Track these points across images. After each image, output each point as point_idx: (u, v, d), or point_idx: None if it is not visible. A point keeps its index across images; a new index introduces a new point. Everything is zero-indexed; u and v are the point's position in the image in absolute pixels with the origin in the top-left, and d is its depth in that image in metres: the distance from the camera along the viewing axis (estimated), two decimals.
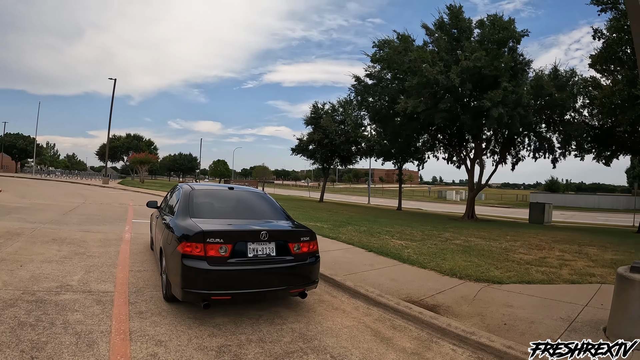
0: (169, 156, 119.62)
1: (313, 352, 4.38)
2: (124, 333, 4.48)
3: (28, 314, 4.86)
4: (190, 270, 4.77)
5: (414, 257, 9.33)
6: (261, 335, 4.71)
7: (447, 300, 6.30)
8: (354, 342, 4.74)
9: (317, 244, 5.86)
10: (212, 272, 4.80)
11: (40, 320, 4.68)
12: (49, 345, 4.07)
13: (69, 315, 4.90)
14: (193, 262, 4.80)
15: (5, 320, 4.62)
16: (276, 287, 5.35)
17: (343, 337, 4.86)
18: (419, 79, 18.57)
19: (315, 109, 36.36)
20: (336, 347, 4.53)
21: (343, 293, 6.92)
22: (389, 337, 5.02)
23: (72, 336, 4.32)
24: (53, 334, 4.34)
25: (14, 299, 5.35)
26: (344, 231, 13.42)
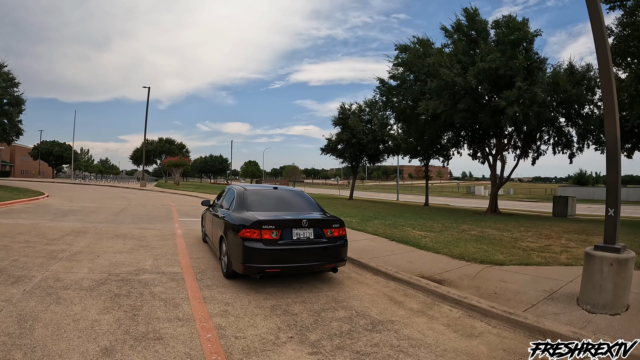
0: (200, 158, 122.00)
1: (343, 309, 5.74)
2: (199, 298, 5.84)
3: (119, 288, 6.15)
4: (250, 250, 6.26)
5: (430, 244, 10.45)
6: (303, 299, 6.10)
7: (452, 276, 7.46)
8: (374, 304, 6.10)
9: (345, 230, 7.29)
10: (266, 251, 6.28)
11: (131, 292, 5.98)
12: (145, 307, 5.38)
13: (153, 288, 6.23)
14: (252, 243, 6.30)
15: (103, 292, 5.93)
16: (314, 263, 6.80)
17: (365, 300, 6.22)
18: (438, 82, 19.45)
19: (342, 110, 37.32)
20: (360, 307, 5.88)
21: (367, 272, 8.22)
22: (401, 301, 6.34)
23: (159, 301, 5.64)
24: (145, 300, 5.64)
25: (103, 279, 6.64)
26: (370, 224, 14.63)
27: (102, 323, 4.73)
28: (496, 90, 19.82)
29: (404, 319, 5.49)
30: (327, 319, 5.32)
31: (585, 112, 20.92)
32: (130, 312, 5.14)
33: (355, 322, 5.24)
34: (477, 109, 20.18)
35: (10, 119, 33.68)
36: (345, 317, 5.42)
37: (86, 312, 5.09)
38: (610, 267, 5.17)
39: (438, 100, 19.88)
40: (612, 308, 5.18)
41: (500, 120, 19.35)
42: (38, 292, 5.79)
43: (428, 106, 19.89)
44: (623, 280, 5.17)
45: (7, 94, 32.98)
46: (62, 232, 11.16)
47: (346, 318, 5.38)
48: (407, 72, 23.38)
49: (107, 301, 5.54)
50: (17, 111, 34.62)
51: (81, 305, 5.32)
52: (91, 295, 5.78)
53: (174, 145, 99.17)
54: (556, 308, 5.59)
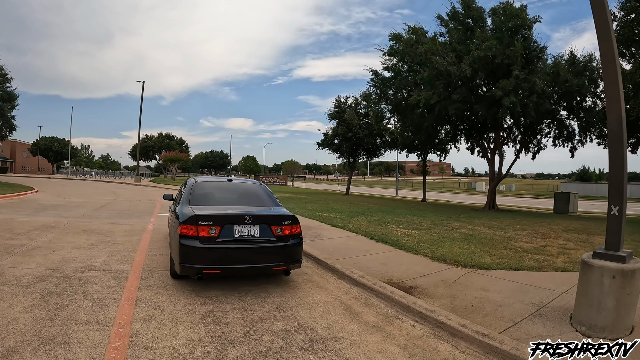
0: (201, 154, 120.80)
1: (284, 319, 4.93)
2: (131, 300, 5.36)
3: (56, 286, 5.84)
4: (186, 248, 5.55)
5: (411, 244, 9.35)
6: (244, 305, 5.34)
7: (426, 282, 6.36)
8: (324, 314, 5.18)
9: (299, 228, 6.39)
10: (203, 250, 5.56)
11: (65, 291, 5.63)
12: (70, 307, 5.01)
13: (89, 287, 5.83)
14: (188, 241, 5.59)
15: (37, 290, 5.62)
16: (259, 264, 5.98)
17: (316, 310, 5.33)
18: (430, 71, 18.22)
19: (338, 103, 36.23)
20: (306, 317, 5.03)
21: (331, 274, 7.22)
22: (358, 312, 5.34)
23: (89, 301, 5.24)
24: (74, 300, 5.28)
25: (45, 275, 6.35)
26: (354, 221, 13.51)
27: (19, 322, 4.49)
28: (493, 80, 18.57)
29: (353, 336, 4.51)
30: (261, 331, 4.54)
31: (587, 105, 19.64)
32: (53, 312, 4.84)
33: (292, 338, 4.41)
34: (473, 100, 18.98)
35: (2, 114, 33.25)
36: (283, 330, 4.61)
37: (10, 309, 4.87)
38: (612, 280, 4.02)
39: (431, 91, 18.63)
40: (613, 331, 4.05)
41: (497, 111, 18.07)
42: None
43: (420, 96, 18.64)
44: (628, 297, 4.03)
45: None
46: (32, 226, 10.86)
47: (283, 332, 4.56)
48: (401, 63, 22.07)
49: (36, 299, 5.27)
50: (10, 107, 34.29)
51: (9, 302, 5.10)
52: (24, 292, 5.55)
53: (174, 140, 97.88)
54: (543, 328, 4.46)
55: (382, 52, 22.31)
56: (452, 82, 18.36)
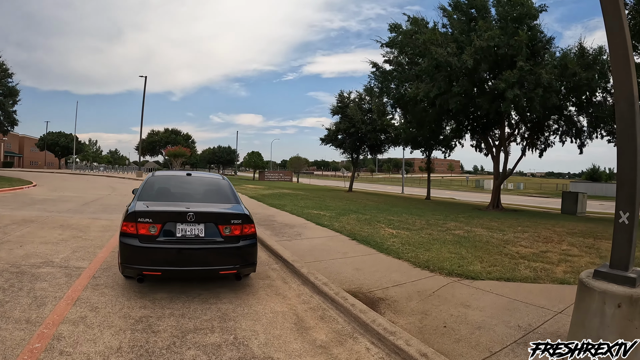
0: (209, 149, 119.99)
1: (221, 331, 4.31)
2: (71, 299, 5.04)
3: (6, 281, 5.64)
4: (126, 247, 5.08)
5: (395, 247, 8.41)
6: (186, 312, 4.79)
7: (399, 294, 5.43)
8: (268, 328, 4.48)
9: (253, 228, 5.65)
10: (142, 249, 5.03)
11: (12, 286, 5.45)
12: (9, 303, 4.80)
13: (37, 284, 5.57)
14: (128, 239, 5.10)
15: None
16: (204, 267, 5.34)
17: (261, 322, 4.63)
18: (429, 61, 17.05)
19: (341, 98, 35.09)
20: (246, 330, 4.37)
21: (297, 279, 6.42)
22: (309, 327, 4.54)
23: (30, 299, 5.01)
24: (16, 296, 5.07)
25: (0, 270, 6.14)
26: (343, 219, 12.58)
27: None
28: (496, 72, 17.36)
29: (290, 359, 3.74)
30: (189, 344, 3.97)
31: (597, 100, 18.36)
32: None
33: (219, 355, 3.78)
34: (476, 93, 17.82)
35: (3, 109, 33.10)
36: (214, 344, 3.98)
37: None
38: (616, 309, 3.03)
39: (431, 83, 17.47)
40: None
41: (500, 105, 16.87)
42: None
43: (419, 89, 17.50)
44: (636, 332, 3.04)
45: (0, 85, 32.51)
46: (11, 221, 10.63)
47: (213, 347, 3.93)
48: (402, 55, 20.86)
49: None
50: (11, 102, 34.22)
51: None
52: None
53: (180, 135, 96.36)
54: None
55: (381, 44, 21.14)
56: (453, 74, 17.21)
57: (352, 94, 35.15)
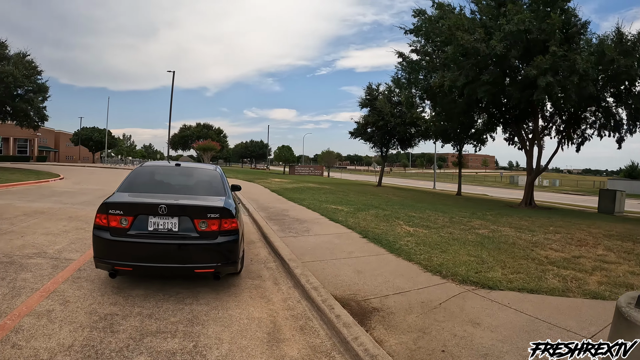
0: (241, 143, 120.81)
1: (183, 336, 3.88)
2: (46, 292, 4.88)
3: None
4: (98, 240, 4.77)
5: (409, 247, 7.54)
6: (155, 311, 4.44)
7: (398, 304, 4.61)
8: (236, 337, 3.94)
9: (234, 222, 5.00)
10: (113, 243, 4.70)
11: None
12: None
13: (21, 274, 5.48)
14: (100, 232, 4.79)
15: None
16: (177, 264, 4.84)
17: (232, 329, 4.11)
18: (454, 48, 15.75)
19: (369, 91, 33.91)
20: (211, 338, 3.88)
21: (289, 281, 5.76)
22: (283, 339, 3.91)
23: (7, 289, 4.91)
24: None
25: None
26: (360, 215, 11.74)
27: None
28: (528, 58, 15.87)
29: None
30: (142, 348, 3.61)
31: (637, 90, 16.59)
32: None
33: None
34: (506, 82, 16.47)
35: (32, 105, 33.79)
36: (169, 351, 3.57)
37: None
38: None
39: (458, 72, 16.19)
40: None
41: (532, 94, 15.43)
42: None
43: (445, 78, 16.28)
44: None
45: (29, 82, 33.16)
46: (23, 212, 10.60)
47: (167, 354, 3.52)
48: (429, 43, 19.50)
49: None
50: (41, 98, 34.92)
51: None
52: None
53: (212, 130, 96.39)
54: None
55: (405, 31, 19.87)
56: (482, 62, 15.85)
57: (380, 86, 33.98)
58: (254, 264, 6.63)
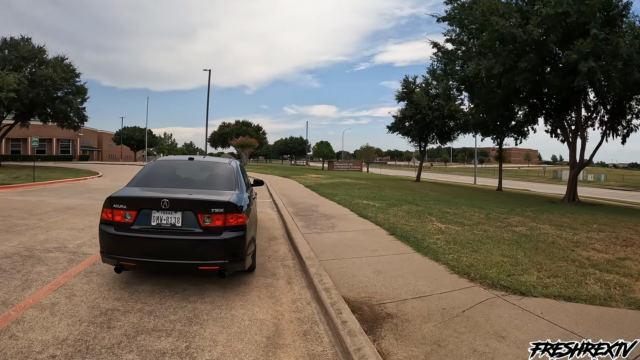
0: (281, 140, 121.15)
1: (178, 336, 3.70)
2: (56, 285, 4.89)
3: (12, 263, 5.72)
4: (103, 235, 4.69)
5: (437, 245, 7.03)
6: (157, 308, 4.30)
7: (416, 310, 4.18)
8: (232, 340, 3.67)
9: (241, 217, 4.73)
10: (117, 238, 4.59)
11: (14, 268, 5.49)
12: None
13: (37, 268, 5.54)
14: (105, 226, 4.71)
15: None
16: (181, 261, 4.62)
17: (230, 331, 3.85)
18: (490, 34, 14.72)
19: (406, 83, 32.73)
20: (206, 339, 3.66)
21: (303, 281, 5.42)
22: (282, 345, 3.60)
23: (20, 281, 4.98)
24: (9, 278, 5.10)
25: (14, 253, 6.27)
26: (391, 210, 11.21)
27: None
28: (567, 43, 14.67)
29: None
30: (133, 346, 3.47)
31: None
32: None
33: None
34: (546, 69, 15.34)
35: (71, 106, 34.92)
36: (158, 351, 3.40)
37: None
38: None
39: (494, 59, 15.16)
40: None
41: (573, 80, 14.23)
42: None
43: (480, 66, 15.29)
44: None
45: (68, 84, 34.30)
46: (53, 208, 10.85)
47: (156, 353, 3.37)
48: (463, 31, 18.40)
49: None
50: (80, 99, 36.14)
51: None
52: None
53: (251, 127, 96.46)
54: None
55: (437, 19, 18.88)
56: (519, 48, 14.76)
57: (417, 78, 32.88)
58: (271, 261, 6.34)
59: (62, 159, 61.92)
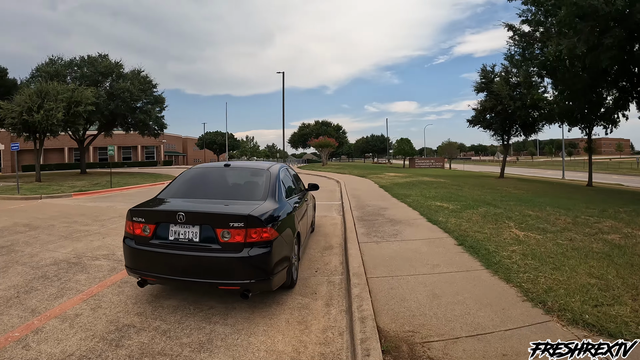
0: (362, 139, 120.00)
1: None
2: (88, 295, 4.91)
3: (57, 271, 5.85)
4: (125, 248, 4.56)
5: (511, 260, 5.92)
6: (173, 328, 4.06)
7: (468, 355, 3.32)
8: None
9: (266, 232, 4.21)
10: (137, 252, 4.40)
11: (56, 276, 5.62)
12: (35, 291, 5.02)
13: (77, 276, 5.65)
14: (127, 240, 4.58)
15: (37, 273, 5.79)
16: (200, 279, 4.22)
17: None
18: (567, 9, 12.65)
19: (484, 73, 30.24)
20: None
21: (344, 303, 4.76)
22: None
23: (56, 289, 5.10)
24: (47, 285, 5.23)
25: (63, 260, 6.43)
26: (464, 214, 10.00)
27: None
28: None
29: None
30: None
31: None
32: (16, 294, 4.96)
33: None
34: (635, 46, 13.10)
35: (150, 116, 36.92)
36: None
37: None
38: None
39: (575, 37, 13.11)
40: None
41: None
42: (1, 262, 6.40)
43: (560, 46, 13.30)
44: None
45: (145, 95, 36.40)
46: (120, 214, 11.11)
47: None
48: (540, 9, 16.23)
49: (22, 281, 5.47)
50: (158, 108, 38.16)
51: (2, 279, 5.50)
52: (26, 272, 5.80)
53: (330, 127, 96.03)
54: None
55: None
56: (601, 22, 12.70)
57: (496, 67, 30.30)
58: (317, 275, 5.74)
59: (147, 164, 66.95)
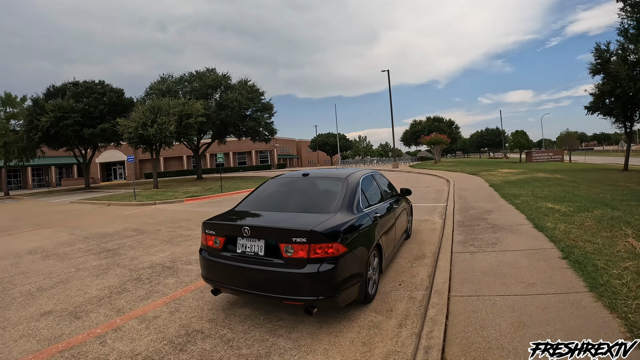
0: (477, 133, 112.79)
1: None
2: (171, 298, 5.15)
3: (151, 274, 6.16)
4: (201, 259, 4.74)
5: (621, 281, 4.85)
6: (237, 337, 4.08)
7: None
8: None
9: (331, 247, 3.99)
10: (210, 263, 4.57)
11: (149, 278, 5.93)
12: (125, 293, 5.38)
13: (167, 279, 5.92)
14: (202, 251, 4.76)
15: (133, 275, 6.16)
16: (265, 293, 4.18)
17: None
18: None
19: (598, 53, 25.51)
20: None
21: (417, 325, 4.29)
22: None
23: (144, 292, 5.38)
24: (138, 287, 5.55)
25: (159, 263, 6.76)
26: (577, 218, 8.63)
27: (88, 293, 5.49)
28: None
29: None
30: None
31: None
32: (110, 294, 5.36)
33: None
34: None
35: (259, 122, 38.67)
36: None
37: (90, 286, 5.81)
38: None
39: None
40: None
41: None
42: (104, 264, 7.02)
43: None
44: None
45: (253, 103, 38.22)
46: None
47: None
48: None
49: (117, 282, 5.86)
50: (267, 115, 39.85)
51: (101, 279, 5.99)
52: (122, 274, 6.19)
53: (443, 122, 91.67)
54: None
55: None
56: None
57: (610, 45, 25.44)
58: (399, 289, 5.40)
59: (261, 168, 70.70)
